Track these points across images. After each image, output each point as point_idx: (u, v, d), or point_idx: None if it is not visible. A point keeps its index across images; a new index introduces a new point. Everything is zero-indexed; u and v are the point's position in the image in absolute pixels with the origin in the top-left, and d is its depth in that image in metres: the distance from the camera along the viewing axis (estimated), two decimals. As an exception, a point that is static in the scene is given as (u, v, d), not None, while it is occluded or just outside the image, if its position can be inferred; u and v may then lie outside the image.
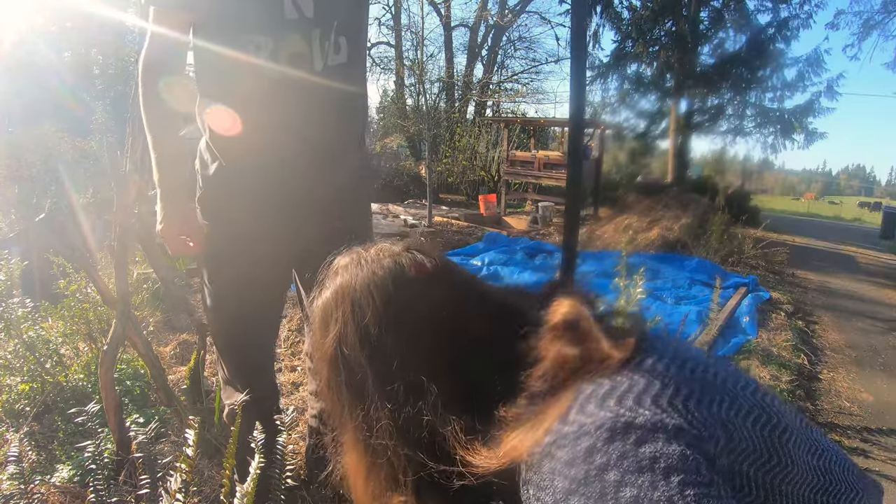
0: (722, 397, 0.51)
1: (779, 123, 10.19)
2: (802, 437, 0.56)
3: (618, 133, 11.11)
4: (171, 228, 1.10)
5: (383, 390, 0.55)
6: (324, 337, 0.59)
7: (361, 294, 0.57)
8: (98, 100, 11.49)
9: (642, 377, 0.49)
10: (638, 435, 0.44)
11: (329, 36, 1.09)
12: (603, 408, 0.47)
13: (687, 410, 0.47)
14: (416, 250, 0.61)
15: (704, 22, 10.33)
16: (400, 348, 0.55)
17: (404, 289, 0.57)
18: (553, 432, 0.47)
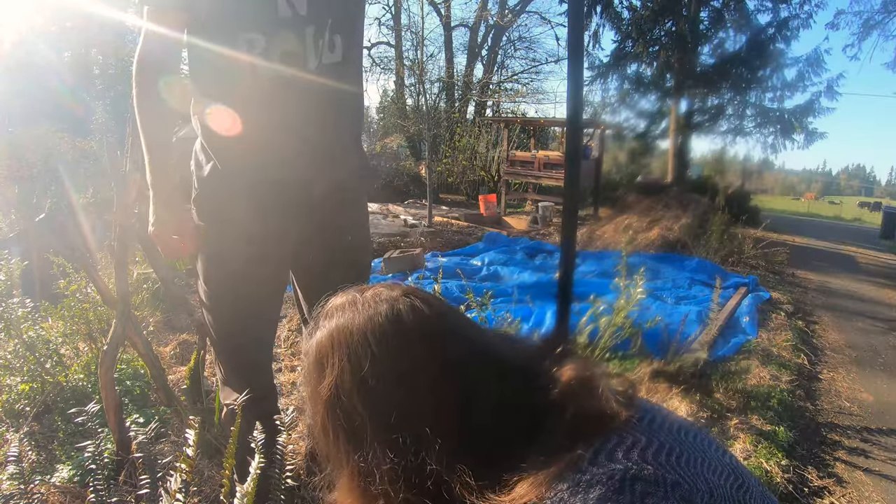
0: (703, 458, 0.56)
1: (779, 123, 10.18)
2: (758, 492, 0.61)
3: (618, 133, 11.10)
4: (163, 230, 1.10)
5: (384, 439, 0.55)
6: (319, 379, 0.58)
7: (359, 341, 0.56)
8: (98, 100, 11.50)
9: (644, 435, 0.54)
10: (643, 487, 0.49)
11: (323, 34, 1.09)
12: (613, 460, 0.51)
13: (679, 467, 0.52)
14: (413, 295, 0.60)
15: (704, 22, 10.33)
16: (400, 399, 0.55)
17: (403, 337, 0.56)
18: (567, 479, 0.50)
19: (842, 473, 2.02)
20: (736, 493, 0.56)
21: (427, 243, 5.94)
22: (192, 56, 1.11)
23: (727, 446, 0.70)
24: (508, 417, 0.56)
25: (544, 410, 0.56)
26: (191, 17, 1.05)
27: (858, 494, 1.89)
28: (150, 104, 1.06)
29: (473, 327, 0.64)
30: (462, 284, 3.65)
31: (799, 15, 9.64)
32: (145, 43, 1.05)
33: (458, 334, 0.60)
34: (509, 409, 0.56)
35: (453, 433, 0.54)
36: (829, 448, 2.20)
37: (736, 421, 2.25)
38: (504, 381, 0.58)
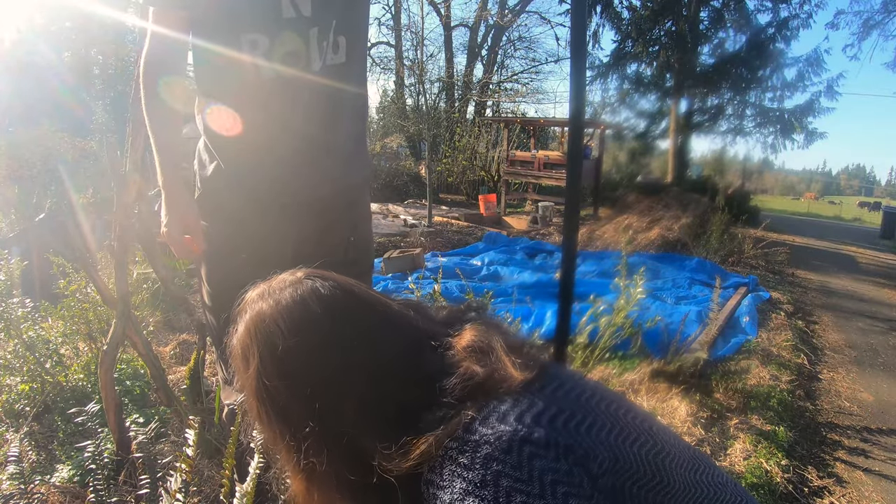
0: (612, 425, 0.58)
1: (779, 123, 10.18)
2: (683, 456, 0.63)
3: (618, 133, 11.11)
4: (174, 230, 1.10)
5: (304, 412, 0.59)
6: (245, 371, 0.62)
7: (269, 326, 0.60)
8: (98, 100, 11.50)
9: (542, 400, 0.56)
10: (532, 450, 0.51)
11: (327, 35, 1.08)
12: (504, 422, 0.53)
13: (578, 433, 0.54)
14: (315, 276, 0.65)
15: (704, 22, 10.34)
16: (312, 371, 0.59)
17: (308, 314, 0.61)
18: (457, 439, 0.53)
19: (842, 473, 2.02)
20: (652, 459, 0.58)
21: (427, 243, 5.94)
22: (196, 56, 1.11)
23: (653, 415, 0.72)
24: (409, 382, 0.59)
25: (442, 374, 0.59)
26: (194, 16, 1.04)
27: (858, 494, 1.89)
28: (158, 105, 1.06)
29: (377, 299, 0.68)
30: (462, 284, 3.65)
31: (799, 15, 9.66)
32: (151, 44, 1.05)
33: (361, 307, 0.64)
34: (410, 375, 0.60)
35: (363, 400, 0.59)
36: (829, 448, 2.20)
37: (736, 421, 2.25)
38: (406, 348, 0.62)
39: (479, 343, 0.62)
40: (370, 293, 0.69)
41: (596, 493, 0.51)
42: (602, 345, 2.43)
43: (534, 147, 10.87)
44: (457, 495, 0.50)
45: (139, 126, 1.41)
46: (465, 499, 0.50)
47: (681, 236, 5.97)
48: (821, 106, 9.97)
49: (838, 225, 16.21)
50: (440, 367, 0.60)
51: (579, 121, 1.13)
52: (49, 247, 2.67)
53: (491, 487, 0.49)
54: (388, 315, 0.65)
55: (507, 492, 0.49)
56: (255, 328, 0.61)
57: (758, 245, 6.13)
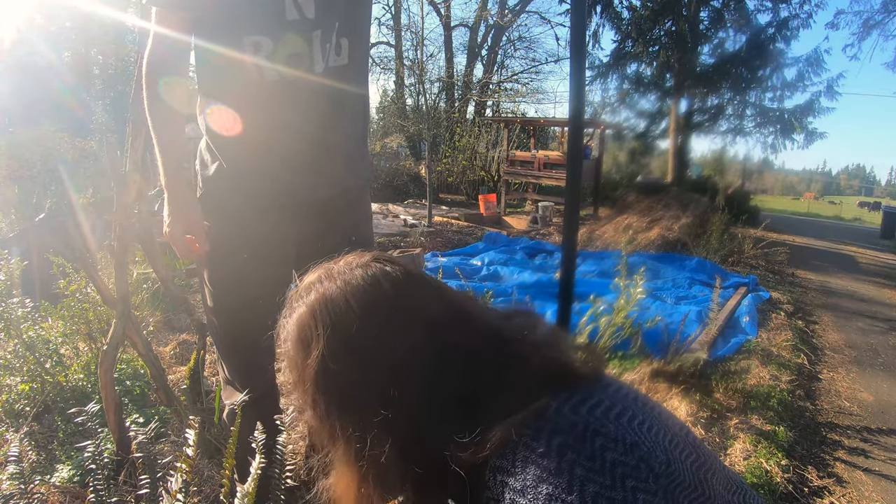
0: (665, 430, 0.59)
1: (779, 123, 10.18)
2: (721, 475, 0.64)
3: (618, 133, 11.11)
4: (177, 230, 1.10)
5: (373, 397, 0.57)
6: (305, 357, 0.59)
7: (341, 306, 0.57)
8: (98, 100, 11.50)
9: (608, 398, 0.57)
10: (603, 442, 0.52)
11: (330, 37, 1.09)
12: (577, 413, 0.54)
13: (641, 432, 0.55)
14: (384, 259, 0.63)
15: (704, 22, 10.33)
16: (384, 354, 0.57)
17: (382, 296, 0.59)
18: (532, 426, 0.53)
19: (842, 473, 2.02)
20: (694, 470, 0.58)
21: (427, 243, 5.94)
22: (198, 57, 1.11)
23: (690, 428, 0.75)
24: (482, 368, 0.58)
25: (515, 362, 0.59)
26: (197, 17, 1.04)
27: (858, 494, 1.89)
28: (160, 105, 1.06)
29: (444, 285, 0.67)
30: (462, 284, 3.65)
31: (799, 15, 9.66)
32: (154, 45, 1.05)
33: (431, 291, 0.63)
34: (483, 361, 0.59)
35: (434, 384, 0.57)
36: (829, 448, 2.20)
37: (736, 421, 2.25)
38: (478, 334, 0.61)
39: (550, 338, 0.63)
40: (436, 279, 0.68)
41: (660, 490, 0.52)
42: (602, 345, 2.43)
43: (534, 147, 10.87)
44: (529, 482, 0.50)
45: (139, 126, 1.41)
46: (538, 485, 0.50)
47: (681, 236, 5.97)
48: (821, 106, 9.97)
49: (838, 225, 16.21)
50: (514, 355, 0.59)
51: (579, 121, 1.13)
52: (49, 247, 2.67)
53: (566, 475, 0.49)
54: (456, 300, 0.64)
55: (580, 481, 0.49)
56: (322, 309, 0.58)
57: (758, 245, 6.13)
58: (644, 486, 0.50)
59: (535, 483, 0.50)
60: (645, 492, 0.50)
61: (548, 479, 0.49)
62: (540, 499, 0.49)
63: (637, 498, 0.49)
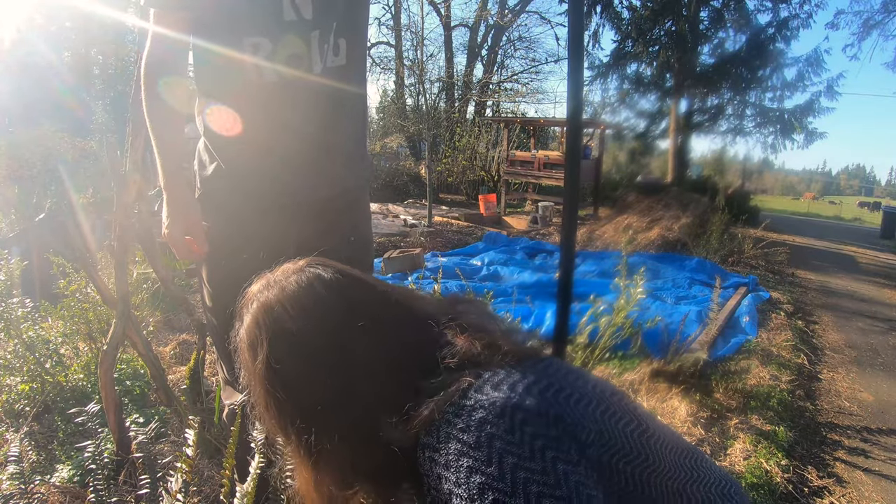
0: (599, 402, 0.61)
1: (779, 123, 10.17)
2: (670, 441, 0.66)
3: (618, 133, 11.10)
4: (176, 230, 1.10)
5: (315, 393, 0.61)
6: (253, 360, 0.64)
7: (279, 311, 0.63)
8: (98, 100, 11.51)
9: (533, 374, 0.60)
10: (523, 416, 0.54)
11: (328, 38, 1.09)
12: (498, 390, 0.56)
13: (567, 405, 0.57)
14: (317, 264, 0.68)
15: (704, 22, 10.33)
16: (322, 351, 0.62)
17: (315, 297, 0.63)
18: (454, 404, 0.56)
19: (842, 473, 2.02)
20: (638, 438, 0.61)
21: (427, 243, 5.94)
22: (197, 57, 1.11)
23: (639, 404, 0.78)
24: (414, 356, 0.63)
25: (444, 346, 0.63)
26: (196, 18, 1.04)
27: (858, 494, 1.89)
28: (159, 105, 1.06)
29: (378, 282, 0.72)
30: (462, 284, 3.65)
31: (799, 15, 9.65)
32: (153, 45, 1.05)
33: (364, 289, 0.68)
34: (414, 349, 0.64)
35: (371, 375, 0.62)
36: (829, 448, 2.20)
37: (736, 421, 2.25)
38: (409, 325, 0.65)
39: (478, 323, 0.66)
40: (371, 277, 0.73)
41: (583, 460, 0.54)
42: (602, 345, 2.43)
43: (534, 147, 10.88)
44: (451, 456, 0.53)
45: (139, 126, 1.41)
46: (459, 459, 0.52)
47: (681, 236, 5.97)
48: (821, 106, 9.96)
49: (838, 225, 16.21)
50: (442, 341, 0.64)
51: (577, 121, 1.13)
52: (49, 247, 2.67)
53: (484, 449, 0.52)
54: (390, 295, 0.68)
55: (499, 453, 0.51)
56: (262, 316, 0.63)
57: (758, 245, 6.13)
58: (565, 456, 0.52)
59: (457, 457, 0.52)
60: (566, 462, 0.52)
61: (468, 453, 0.52)
62: (462, 472, 0.52)
63: (557, 468, 0.51)
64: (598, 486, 0.54)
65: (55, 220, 3.12)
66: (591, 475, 0.54)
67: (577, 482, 0.51)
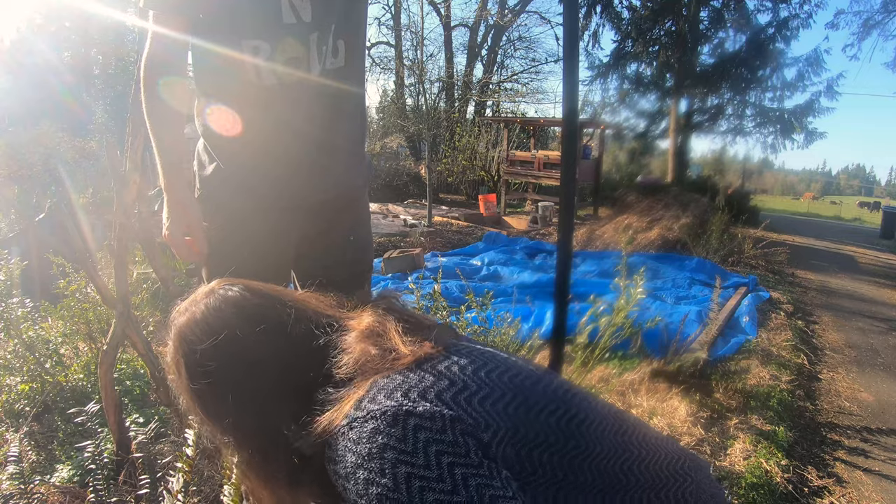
0: (513, 396, 0.59)
1: (778, 123, 10.17)
2: (607, 420, 0.65)
3: (618, 133, 11.10)
4: (176, 231, 1.10)
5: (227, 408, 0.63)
6: (178, 379, 0.67)
7: (187, 335, 0.66)
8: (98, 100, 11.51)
9: (432, 376, 0.58)
10: (416, 422, 0.52)
11: (327, 40, 1.09)
12: (391, 398, 0.55)
13: (469, 405, 0.55)
14: (226, 285, 0.70)
15: (704, 22, 10.33)
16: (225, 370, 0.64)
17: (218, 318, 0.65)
18: (348, 416, 0.55)
19: (842, 473, 2.02)
20: (566, 426, 0.59)
21: (427, 243, 5.94)
22: (196, 59, 1.11)
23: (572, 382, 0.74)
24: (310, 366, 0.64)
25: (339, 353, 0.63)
26: (195, 20, 1.04)
27: (858, 494, 1.89)
28: (159, 106, 1.06)
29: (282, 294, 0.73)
30: (462, 284, 3.65)
31: (799, 15, 9.65)
32: (152, 46, 1.05)
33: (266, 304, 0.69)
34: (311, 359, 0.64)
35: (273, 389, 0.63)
36: (828, 448, 2.20)
37: (736, 421, 2.25)
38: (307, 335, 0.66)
39: (374, 325, 0.65)
40: (278, 291, 0.73)
41: (486, 461, 0.52)
42: (602, 345, 2.43)
43: (534, 147, 10.88)
44: (349, 469, 0.53)
45: (139, 126, 1.41)
46: (356, 472, 0.52)
47: (681, 236, 5.96)
48: (821, 106, 9.96)
49: (838, 225, 16.20)
50: (337, 349, 0.64)
51: (573, 123, 1.13)
52: (49, 247, 2.67)
53: (377, 460, 0.51)
54: (288, 304, 0.69)
55: (392, 463, 0.50)
56: (177, 341, 0.66)
57: (758, 245, 6.12)
58: (464, 460, 0.51)
59: (354, 469, 0.52)
60: (465, 466, 0.51)
61: (363, 465, 0.52)
62: (360, 484, 0.52)
63: (455, 473, 0.50)
64: (512, 484, 0.53)
65: (55, 220, 3.12)
66: (500, 475, 0.52)
67: (479, 485, 0.50)
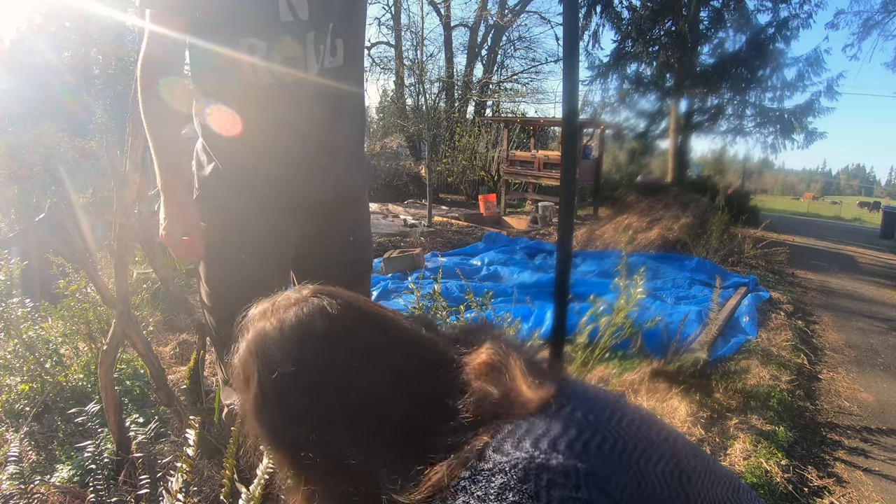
0: (635, 445, 0.54)
1: (778, 123, 10.17)
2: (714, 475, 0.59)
3: (618, 133, 11.10)
4: (174, 231, 1.10)
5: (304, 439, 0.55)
6: (246, 392, 0.59)
7: (270, 347, 0.57)
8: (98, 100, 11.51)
9: (559, 422, 0.52)
10: (549, 478, 0.47)
11: (324, 38, 1.09)
12: (519, 448, 0.49)
13: (599, 456, 0.50)
14: (322, 294, 0.61)
15: (704, 22, 10.33)
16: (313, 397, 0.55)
17: (311, 337, 0.57)
18: (470, 468, 0.49)
19: (842, 473, 2.02)
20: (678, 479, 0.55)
21: (427, 243, 5.94)
22: (194, 58, 1.11)
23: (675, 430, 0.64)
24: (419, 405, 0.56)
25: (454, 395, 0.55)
26: (192, 19, 1.04)
27: (858, 494, 1.89)
28: (156, 105, 1.06)
29: (386, 317, 0.63)
30: (462, 284, 3.65)
31: (799, 15, 9.64)
32: (149, 45, 1.05)
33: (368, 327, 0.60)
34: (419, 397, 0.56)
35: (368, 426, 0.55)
36: (828, 448, 2.20)
37: (736, 421, 2.25)
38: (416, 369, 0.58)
39: (494, 361, 0.58)
40: (380, 311, 0.64)
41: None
42: (602, 345, 2.43)
43: (534, 147, 10.88)
44: None
45: (139, 126, 1.40)
46: None
47: (681, 236, 5.96)
48: (821, 106, 9.96)
49: (838, 225, 16.20)
50: (452, 387, 0.56)
51: (573, 123, 1.13)
52: (49, 247, 2.67)
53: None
54: (397, 334, 0.61)
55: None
56: (256, 348, 0.58)
57: (758, 245, 6.12)
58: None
59: None
60: None
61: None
62: None
63: None
64: None
65: (55, 220, 3.12)
66: None
67: None
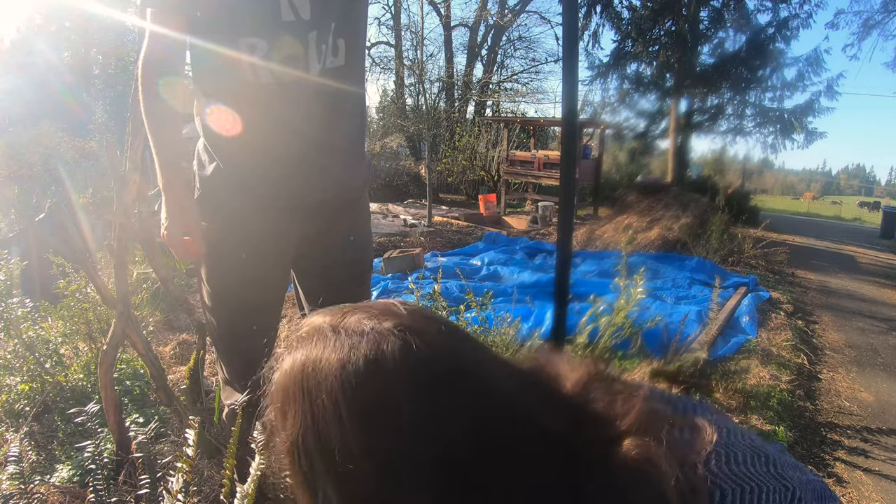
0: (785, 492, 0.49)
1: (778, 123, 10.17)
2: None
3: (618, 133, 11.11)
4: (174, 231, 1.10)
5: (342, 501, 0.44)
6: (283, 423, 0.47)
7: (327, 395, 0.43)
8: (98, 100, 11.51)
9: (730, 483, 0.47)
10: None
11: (326, 38, 1.08)
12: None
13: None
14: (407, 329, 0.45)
15: (704, 22, 10.33)
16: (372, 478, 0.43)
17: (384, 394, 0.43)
18: None
19: (842, 473, 2.02)
20: None
21: (427, 243, 5.94)
22: (194, 58, 1.11)
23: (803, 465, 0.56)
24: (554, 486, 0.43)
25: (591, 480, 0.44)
26: (193, 19, 1.04)
27: (858, 494, 1.89)
28: (157, 105, 1.06)
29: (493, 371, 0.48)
30: (462, 284, 3.65)
31: (799, 15, 9.64)
32: (150, 45, 1.05)
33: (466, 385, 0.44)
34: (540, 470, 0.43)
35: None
36: (828, 448, 2.20)
37: (736, 421, 2.25)
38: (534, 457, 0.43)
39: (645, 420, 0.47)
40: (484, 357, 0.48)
41: None
42: (602, 345, 2.43)
43: (534, 147, 10.88)
44: None
45: (139, 125, 1.40)
46: None
47: (681, 236, 5.96)
48: (821, 106, 9.96)
49: (838, 225, 16.20)
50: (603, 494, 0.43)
51: (573, 123, 1.13)
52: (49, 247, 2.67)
53: None
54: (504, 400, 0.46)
55: None
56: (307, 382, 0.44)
57: (758, 245, 6.12)
58: None
59: None
60: None
61: None
62: None
63: None
64: None
65: (55, 220, 3.12)
66: None
67: None
